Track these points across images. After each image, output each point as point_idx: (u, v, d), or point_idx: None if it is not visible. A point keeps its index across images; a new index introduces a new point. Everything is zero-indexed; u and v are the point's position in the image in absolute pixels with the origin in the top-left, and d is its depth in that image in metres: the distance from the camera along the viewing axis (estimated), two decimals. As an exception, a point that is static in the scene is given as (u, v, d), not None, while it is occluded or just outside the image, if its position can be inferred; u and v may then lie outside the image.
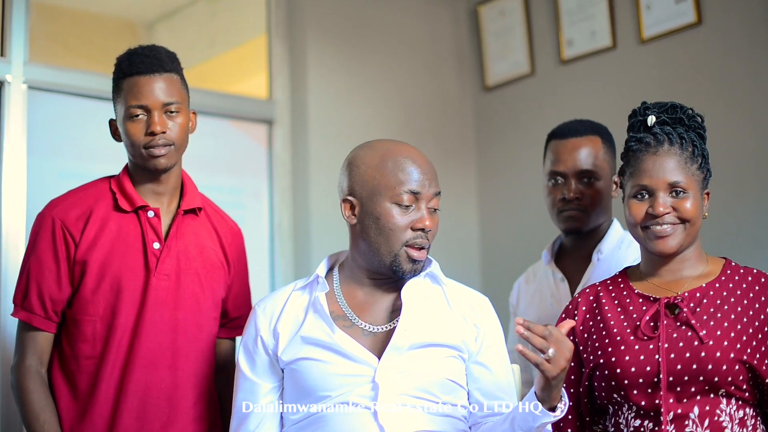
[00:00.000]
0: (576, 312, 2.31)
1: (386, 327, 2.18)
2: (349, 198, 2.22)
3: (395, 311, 2.20)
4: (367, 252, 2.20)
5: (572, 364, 2.27)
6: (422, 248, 2.19)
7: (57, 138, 3.46)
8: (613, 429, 2.20)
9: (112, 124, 2.46)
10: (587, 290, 2.35)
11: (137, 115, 2.36)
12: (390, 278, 2.23)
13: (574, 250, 2.82)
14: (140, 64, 2.37)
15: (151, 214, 2.41)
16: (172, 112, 2.39)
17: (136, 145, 2.37)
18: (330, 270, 2.32)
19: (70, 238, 2.35)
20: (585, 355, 2.26)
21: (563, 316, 2.35)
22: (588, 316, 2.29)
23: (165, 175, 2.44)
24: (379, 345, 2.15)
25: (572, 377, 2.28)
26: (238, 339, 2.65)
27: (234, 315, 2.59)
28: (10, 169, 3.31)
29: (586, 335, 2.27)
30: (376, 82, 4.27)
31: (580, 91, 4.02)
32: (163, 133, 2.36)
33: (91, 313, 2.35)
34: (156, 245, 2.40)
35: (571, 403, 2.25)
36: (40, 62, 3.45)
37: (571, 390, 2.27)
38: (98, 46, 4.00)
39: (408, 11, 4.42)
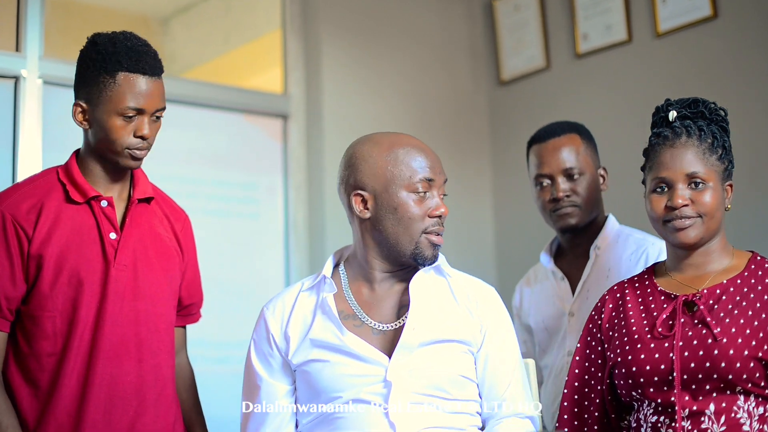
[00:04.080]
0: (603, 309, 2.32)
1: (395, 325, 2.18)
2: (361, 192, 2.22)
3: (403, 307, 2.20)
4: (383, 244, 2.20)
5: (599, 361, 2.29)
6: (439, 234, 2.21)
7: (72, 133, 3.45)
8: (635, 425, 2.20)
9: (79, 107, 2.35)
10: (615, 287, 2.35)
11: (131, 117, 2.28)
12: (400, 271, 2.23)
13: (571, 248, 2.84)
14: (145, 63, 2.29)
15: (104, 203, 2.34)
16: (157, 116, 2.34)
17: (119, 143, 2.29)
18: (335, 267, 2.31)
19: (23, 232, 2.27)
20: (608, 353, 2.26)
21: (593, 314, 2.35)
22: (614, 314, 2.29)
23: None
24: (389, 343, 2.15)
25: (599, 374, 2.28)
26: (189, 327, 2.63)
27: (187, 302, 2.55)
28: (25, 163, 3.32)
29: (610, 333, 2.27)
30: (390, 76, 4.27)
31: (596, 86, 4.00)
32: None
33: (50, 308, 2.27)
34: (113, 235, 2.33)
35: (598, 400, 2.27)
36: (55, 57, 3.45)
37: (599, 387, 2.27)
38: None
39: (422, 6, 4.42)
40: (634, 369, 2.15)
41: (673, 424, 2.08)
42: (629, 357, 2.17)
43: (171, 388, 2.43)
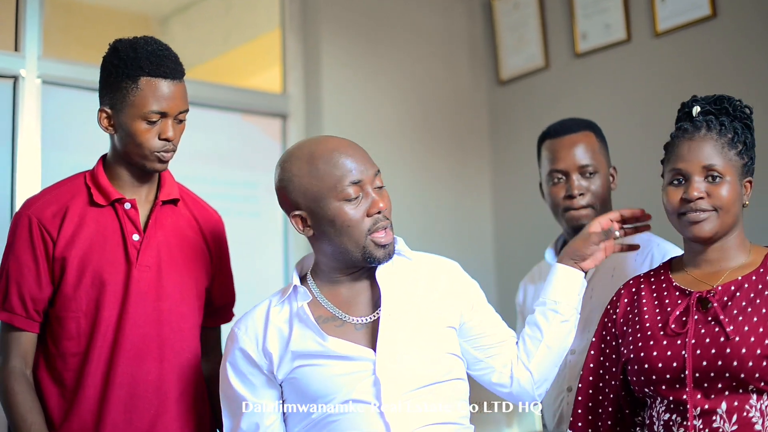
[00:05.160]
0: (618, 304, 2.31)
1: (374, 316, 2.17)
2: (297, 213, 2.19)
3: (378, 298, 2.19)
4: (335, 254, 2.18)
5: (613, 356, 2.29)
6: (385, 228, 2.17)
7: (71, 132, 3.47)
8: (648, 421, 2.20)
9: (104, 113, 2.36)
10: (631, 282, 2.34)
11: (154, 121, 2.30)
12: (366, 268, 2.22)
13: None
14: (166, 67, 2.31)
15: (128, 206, 2.37)
16: (181, 119, 2.36)
17: (145, 147, 2.32)
18: (302, 279, 2.29)
19: (48, 235, 2.32)
20: (622, 348, 2.25)
21: (608, 308, 2.35)
22: (628, 308, 2.28)
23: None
24: (372, 336, 2.15)
25: (613, 369, 2.28)
26: (223, 327, 2.64)
27: (219, 304, 2.59)
28: (24, 163, 3.32)
29: (624, 328, 2.27)
30: (390, 76, 4.26)
31: (595, 85, 4.00)
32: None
33: (74, 309, 2.32)
34: (135, 237, 2.37)
35: (612, 395, 2.27)
36: (54, 57, 3.45)
37: (613, 382, 2.28)
38: (112, 41, 4.03)
39: (422, 5, 4.42)
40: (646, 366, 2.14)
41: (685, 423, 2.07)
42: (642, 354, 2.16)
43: (197, 388, 2.45)
